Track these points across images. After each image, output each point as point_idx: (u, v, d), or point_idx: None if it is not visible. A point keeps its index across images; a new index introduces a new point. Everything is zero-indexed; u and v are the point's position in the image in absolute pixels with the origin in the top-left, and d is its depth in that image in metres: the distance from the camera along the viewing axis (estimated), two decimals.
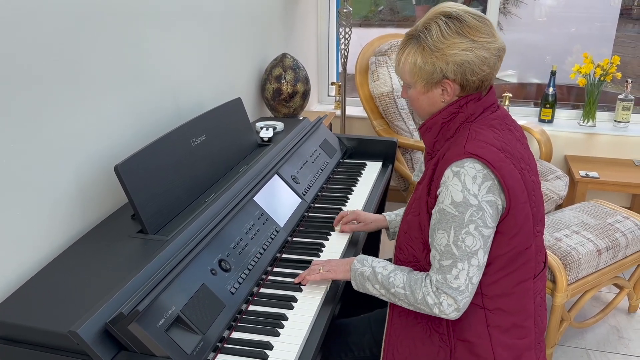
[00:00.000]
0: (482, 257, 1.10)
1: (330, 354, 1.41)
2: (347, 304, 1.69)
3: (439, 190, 1.12)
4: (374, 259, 1.26)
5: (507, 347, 1.18)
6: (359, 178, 1.93)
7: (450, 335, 1.19)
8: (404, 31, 3.45)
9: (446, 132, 1.17)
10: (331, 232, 1.54)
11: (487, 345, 1.16)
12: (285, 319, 1.17)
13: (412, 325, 1.23)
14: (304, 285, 1.29)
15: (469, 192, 1.07)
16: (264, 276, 1.33)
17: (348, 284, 1.37)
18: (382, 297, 1.22)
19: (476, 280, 1.11)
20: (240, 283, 1.22)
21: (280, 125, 2.09)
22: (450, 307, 1.11)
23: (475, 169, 1.07)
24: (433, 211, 1.13)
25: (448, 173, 1.09)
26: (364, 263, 1.25)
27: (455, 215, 1.08)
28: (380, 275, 1.20)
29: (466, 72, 1.10)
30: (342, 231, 1.53)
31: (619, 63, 2.90)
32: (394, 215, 1.56)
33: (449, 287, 1.10)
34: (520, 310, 1.18)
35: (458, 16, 1.10)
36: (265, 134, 1.97)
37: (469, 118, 1.15)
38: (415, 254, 1.22)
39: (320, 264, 1.31)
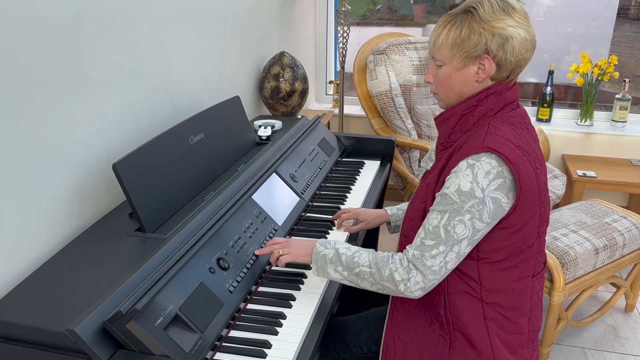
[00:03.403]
0: (464, 247, 1.11)
1: (328, 352, 1.41)
2: (344, 303, 1.69)
3: (447, 177, 1.13)
4: (337, 240, 1.26)
5: (503, 341, 1.19)
6: (357, 177, 1.93)
7: (450, 326, 1.19)
8: (402, 30, 3.46)
9: (464, 125, 1.18)
10: (329, 231, 1.54)
11: (485, 337, 1.17)
12: (284, 317, 1.17)
13: (413, 313, 1.24)
14: (258, 255, 1.31)
15: (477, 184, 1.08)
16: (262, 275, 1.32)
17: None
18: (342, 281, 1.22)
19: (451, 266, 1.12)
20: (238, 282, 1.22)
21: (278, 124, 2.08)
22: (417, 285, 1.12)
23: (490, 165, 1.08)
24: (436, 194, 1.15)
25: (462, 164, 1.10)
26: (327, 245, 1.24)
27: (456, 202, 1.09)
28: (344, 256, 1.20)
29: (507, 50, 1.12)
30: (348, 231, 1.53)
31: (617, 63, 2.91)
32: (395, 210, 1.56)
33: (422, 265, 1.11)
34: (516, 308, 1.19)
35: None
36: (264, 132, 1.97)
37: (488, 112, 1.16)
38: None
39: (279, 243, 1.29)
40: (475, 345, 1.17)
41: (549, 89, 3.02)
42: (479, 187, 1.08)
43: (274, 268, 1.36)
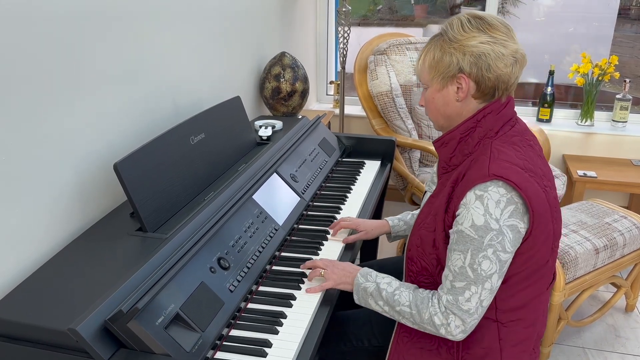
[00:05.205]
0: (495, 282, 1.09)
1: (328, 343, 1.41)
2: (346, 300, 1.69)
3: (458, 211, 1.10)
4: (378, 274, 1.24)
5: (512, 355, 1.18)
6: (357, 177, 1.94)
7: (459, 348, 1.18)
8: (402, 30, 3.47)
9: (464, 148, 1.16)
10: (329, 231, 1.54)
11: (497, 357, 1.16)
12: (284, 317, 1.18)
13: (421, 334, 1.22)
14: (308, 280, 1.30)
15: (490, 216, 1.05)
16: (263, 274, 1.33)
17: None
18: (384, 314, 1.21)
19: (487, 303, 1.10)
20: (239, 281, 1.22)
21: (279, 124, 2.09)
22: (457, 329, 1.11)
23: (499, 194, 1.05)
24: (451, 231, 1.12)
25: (470, 196, 1.07)
26: (368, 278, 1.23)
27: (474, 239, 1.06)
28: (385, 292, 1.19)
29: (482, 66, 1.10)
30: (344, 242, 1.50)
31: (617, 63, 2.91)
32: (396, 220, 1.55)
33: (459, 309, 1.09)
34: (532, 323, 1.18)
35: (481, 15, 1.13)
36: (264, 132, 1.98)
37: (488, 133, 1.14)
38: (428, 267, 1.20)
39: (322, 265, 1.30)
40: None
41: (549, 89, 3.02)
42: (492, 219, 1.05)
43: (274, 268, 1.36)
